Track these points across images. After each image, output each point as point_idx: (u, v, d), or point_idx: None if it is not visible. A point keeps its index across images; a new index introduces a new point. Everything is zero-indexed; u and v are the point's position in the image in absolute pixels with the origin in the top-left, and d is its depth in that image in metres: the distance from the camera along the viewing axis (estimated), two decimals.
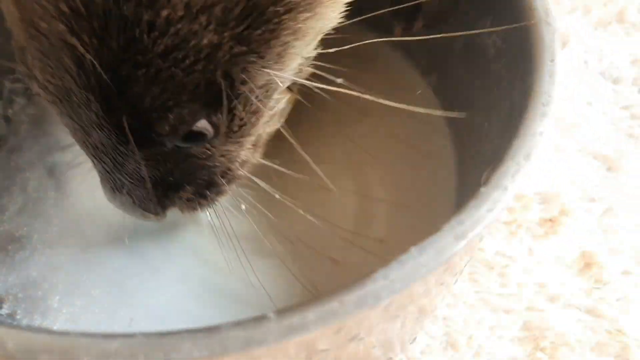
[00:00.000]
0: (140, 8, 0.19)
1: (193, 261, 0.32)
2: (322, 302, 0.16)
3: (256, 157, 0.27)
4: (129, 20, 0.19)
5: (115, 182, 0.25)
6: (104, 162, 0.24)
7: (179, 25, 0.20)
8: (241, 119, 0.24)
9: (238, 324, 0.16)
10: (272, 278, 0.30)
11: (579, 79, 0.42)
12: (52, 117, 0.37)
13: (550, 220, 0.36)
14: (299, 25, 0.22)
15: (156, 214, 0.26)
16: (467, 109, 0.33)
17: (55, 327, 0.30)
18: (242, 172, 0.27)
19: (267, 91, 0.24)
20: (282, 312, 0.16)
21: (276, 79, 0.23)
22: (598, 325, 0.32)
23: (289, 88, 0.27)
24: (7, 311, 0.30)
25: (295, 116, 0.30)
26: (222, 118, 0.23)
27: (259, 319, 0.16)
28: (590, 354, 0.31)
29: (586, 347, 0.31)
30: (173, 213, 0.28)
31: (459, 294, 0.33)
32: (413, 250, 0.19)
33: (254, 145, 0.27)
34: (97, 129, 0.22)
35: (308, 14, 0.22)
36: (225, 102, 0.22)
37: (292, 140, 0.27)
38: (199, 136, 0.23)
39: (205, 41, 0.20)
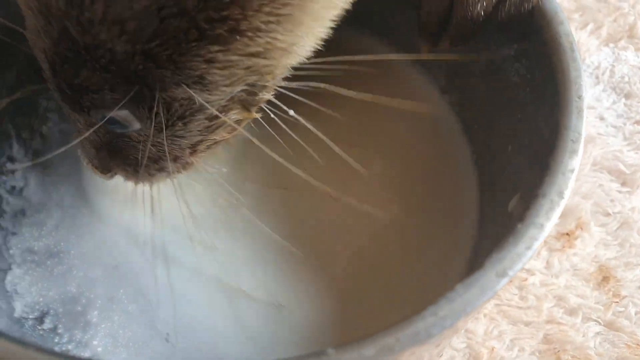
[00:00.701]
0: (71, 6, 0.22)
1: (224, 277, 0.33)
2: (379, 339, 0.17)
3: (193, 160, 0.29)
4: (63, 13, 0.22)
5: (83, 141, 0.29)
6: (72, 119, 0.28)
7: (98, 28, 0.22)
8: (168, 120, 0.26)
9: (299, 358, 0.17)
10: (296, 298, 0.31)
11: (591, 94, 0.42)
12: None
13: (567, 234, 0.36)
14: (212, 55, 0.23)
15: (102, 172, 0.30)
16: (488, 129, 0.34)
17: (95, 342, 0.31)
18: (173, 166, 0.29)
19: (192, 104, 0.25)
20: (341, 348, 0.17)
21: (198, 98, 0.25)
22: (617, 338, 0.32)
23: (245, 108, 0.28)
24: (49, 326, 0.31)
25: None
26: (145, 114, 0.25)
27: (319, 355, 0.17)
28: None
29: None
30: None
31: None
32: (459, 287, 0.19)
33: (193, 148, 0.29)
34: (60, 90, 0.26)
35: (219, 47, 0.23)
36: (147, 103, 0.25)
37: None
38: (122, 123, 0.26)
39: (118, 48, 0.23)
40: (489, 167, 0.34)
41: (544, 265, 0.35)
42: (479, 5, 0.26)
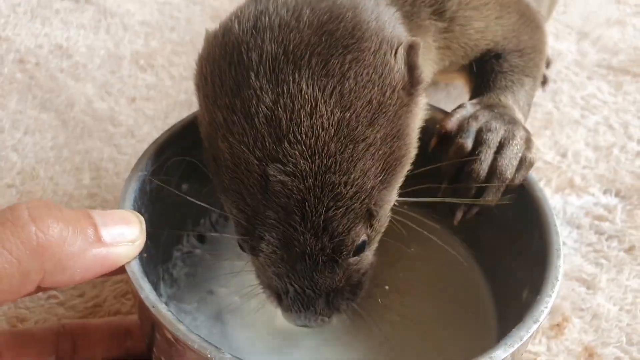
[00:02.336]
0: (340, 175, 0.34)
1: None
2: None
3: (375, 259, 0.41)
4: (335, 183, 0.34)
5: (303, 300, 0.37)
6: (298, 285, 0.36)
7: (359, 180, 0.35)
8: (376, 231, 0.38)
9: None
10: None
11: None
12: (201, 274, 0.50)
13: (557, 325, 0.50)
14: (402, 171, 0.39)
15: (329, 317, 0.38)
16: (496, 255, 0.48)
17: None
18: (372, 270, 0.40)
19: (386, 210, 0.39)
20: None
21: (391, 202, 0.39)
22: None
23: None
24: None
25: None
26: (370, 231, 0.37)
27: None
28: None
29: None
30: None
31: None
32: (514, 330, 0.32)
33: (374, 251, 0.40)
34: (304, 259, 0.35)
35: (405, 166, 0.39)
36: (373, 220, 0.37)
37: None
38: (362, 246, 0.37)
39: (368, 185, 0.36)
40: (498, 278, 0.48)
41: (546, 348, 0.48)
42: (508, 172, 0.42)
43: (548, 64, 0.79)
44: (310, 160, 0.34)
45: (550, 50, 0.79)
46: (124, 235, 0.34)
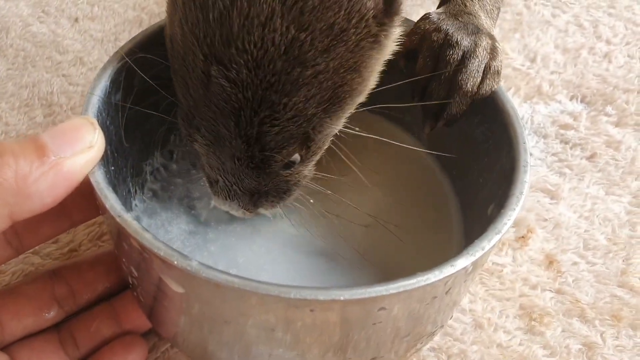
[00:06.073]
0: (281, 96, 0.36)
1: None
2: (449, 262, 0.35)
3: (311, 172, 0.45)
4: (275, 102, 0.36)
5: (229, 192, 0.41)
6: (227, 180, 0.40)
7: (300, 105, 0.36)
8: (312, 152, 0.41)
9: None
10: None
11: None
12: (174, 189, 0.52)
13: (522, 237, 0.56)
14: (352, 104, 0.41)
15: (251, 212, 0.43)
16: (464, 171, 0.52)
17: None
18: (305, 182, 0.44)
19: (327, 135, 0.42)
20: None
21: (334, 130, 0.41)
22: (564, 299, 0.51)
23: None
24: None
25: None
26: (305, 152, 0.40)
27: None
28: (563, 318, 0.51)
29: (560, 314, 0.51)
30: None
31: (475, 293, 0.52)
32: (477, 241, 0.36)
33: (313, 166, 0.44)
34: (233, 160, 0.38)
35: (357, 98, 0.41)
36: (310, 143, 0.39)
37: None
38: (293, 163, 0.40)
39: (309, 112, 0.37)
40: (467, 195, 0.52)
41: (511, 260, 0.54)
42: (469, 85, 0.44)
43: None
44: (253, 73, 0.35)
45: None
46: (79, 143, 0.35)
